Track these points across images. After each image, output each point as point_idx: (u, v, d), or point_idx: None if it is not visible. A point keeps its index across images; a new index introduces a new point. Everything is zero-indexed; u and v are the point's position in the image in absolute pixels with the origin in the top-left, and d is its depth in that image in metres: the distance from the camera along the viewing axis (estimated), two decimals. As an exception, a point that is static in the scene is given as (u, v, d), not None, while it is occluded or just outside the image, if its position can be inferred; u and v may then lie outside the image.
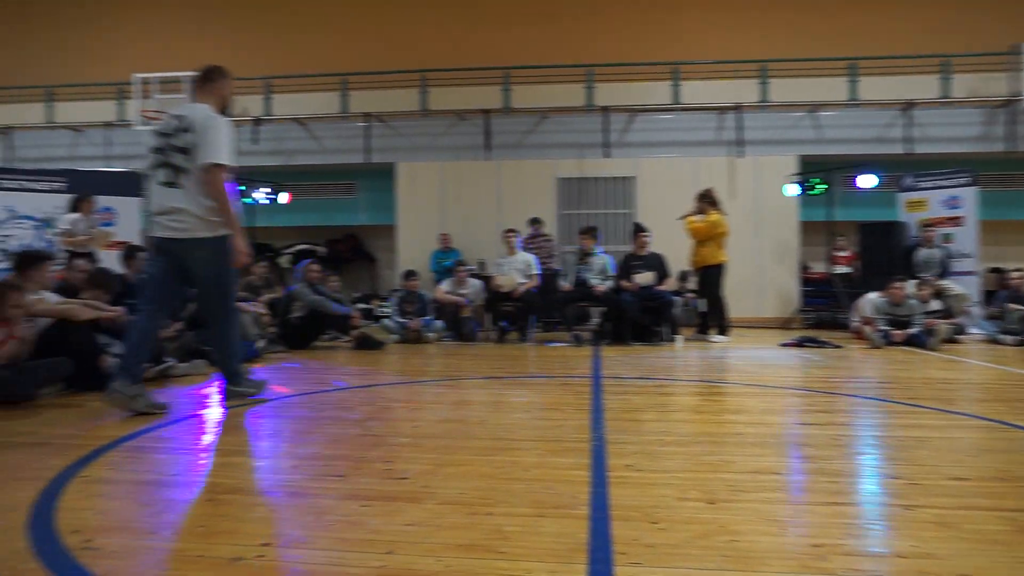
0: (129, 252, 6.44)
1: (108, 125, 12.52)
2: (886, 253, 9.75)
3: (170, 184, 3.71)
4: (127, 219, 9.80)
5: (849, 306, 9.06)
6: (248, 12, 13.70)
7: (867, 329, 7.65)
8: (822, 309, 10.76)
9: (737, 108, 11.09)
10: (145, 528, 1.89)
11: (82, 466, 2.50)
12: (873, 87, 11.13)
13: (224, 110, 3.92)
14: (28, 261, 4.51)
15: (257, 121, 12.11)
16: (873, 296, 8.02)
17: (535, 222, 10.25)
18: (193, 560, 1.67)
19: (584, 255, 8.16)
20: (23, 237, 9.37)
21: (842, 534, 1.85)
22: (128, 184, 10.14)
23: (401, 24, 13.16)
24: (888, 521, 1.97)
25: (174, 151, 3.69)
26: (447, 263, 10.17)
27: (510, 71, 11.81)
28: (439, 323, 8.29)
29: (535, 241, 10.06)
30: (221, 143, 3.68)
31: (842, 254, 11.04)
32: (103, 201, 9.03)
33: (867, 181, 10.14)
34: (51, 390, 4.15)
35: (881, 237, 9.98)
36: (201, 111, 3.76)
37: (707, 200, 8.26)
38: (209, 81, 3.97)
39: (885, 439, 3.06)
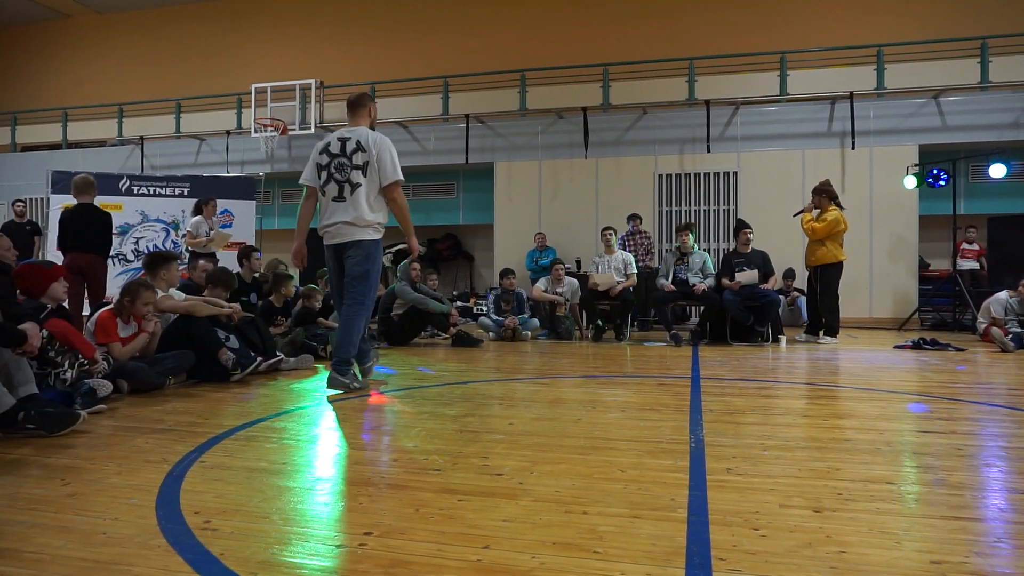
0: (244, 253, 6.80)
1: (227, 133, 13.35)
2: (1018, 248, 8.97)
3: (339, 198, 4.30)
4: (243, 221, 10.43)
5: (975, 306, 8.41)
6: (353, 22, 14.29)
7: (995, 331, 7.07)
8: (943, 309, 10.03)
9: (849, 96, 10.48)
10: (257, 512, 2.00)
11: (202, 452, 2.68)
12: (1007, 67, 10.20)
13: (373, 127, 4.55)
14: (158, 261, 4.88)
15: (361, 125, 12.56)
16: (1003, 295, 7.42)
17: (634, 218, 10.11)
18: (300, 545, 1.76)
19: (682, 253, 7.98)
20: (153, 238, 10.16)
21: (965, 551, 1.71)
22: (244, 188, 10.79)
23: (499, 25, 13.34)
24: (1019, 540, 1.81)
25: (352, 169, 4.28)
26: (543, 262, 10.21)
27: (609, 67, 11.70)
28: (535, 321, 8.33)
29: (633, 239, 9.93)
30: (396, 162, 4.34)
31: (971, 247, 10.24)
32: (223, 204, 9.65)
33: (998, 171, 9.36)
34: (176, 380, 4.48)
35: (1013, 231, 9.20)
36: (369, 133, 4.38)
37: (824, 194, 7.72)
38: (361, 106, 4.55)
39: (1016, 451, 2.81)
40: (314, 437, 3.07)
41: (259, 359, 4.80)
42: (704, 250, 8.71)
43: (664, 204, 11.18)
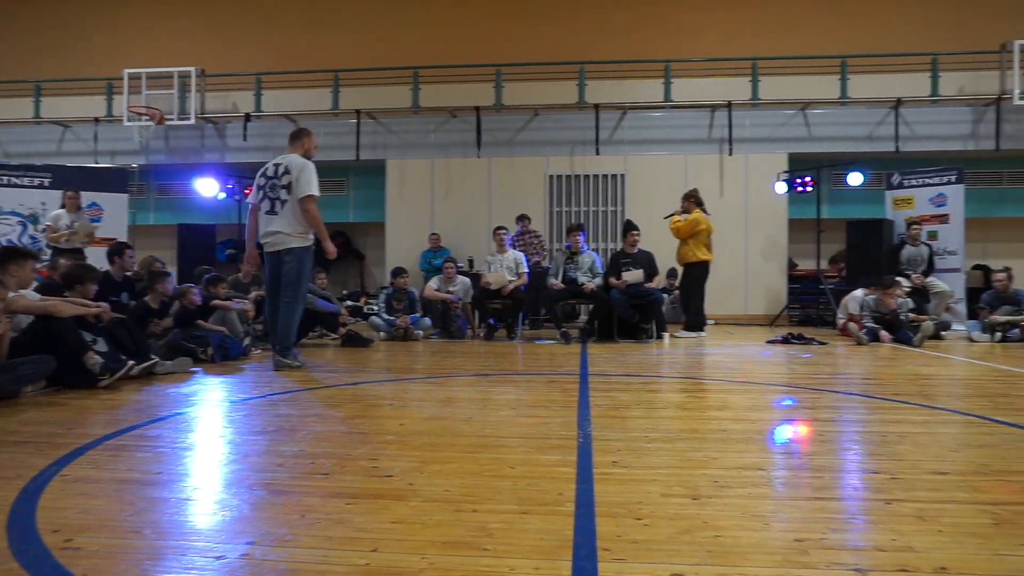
0: (115, 250, 6.33)
1: (96, 120, 12.40)
2: (872, 251, 9.81)
3: (271, 212, 5.26)
4: (114, 215, 9.74)
5: (835, 303, 9.13)
6: (239, 8, 13.62)
7: (852, 326, 7.69)
8: (808, 307, 10.84)
9: (728, 106, 11.10)
10: (127, 527, 1.87)
11: (64, 465, 2.48)
12: (863, 85, 11.16)
13: (309, 157, 5.47)
14: (8, 257, 4.43)
15: (247, 117, 12.04)
16: (859, 293, 8.08)
17: (523, 219, 10.25)
18: (175, 560, 1.66)
19: (572, 253, 8.18)
20: (8, 233, 9.30)
21: (824, 528, 1.86)
22: (115, 180, 10.08)
23: (393, 21, 13.12)
24: (869, 515, 1.98)
25: (280, 188, 5.26)
26: (437, 262, 10.16)
27: (502, 68, 11.79)
28: (427, 321, 8.28)
29: (523, 238, 10.07)
30: (312, 181, 5.28)
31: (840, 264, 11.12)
32: (91, 197, 8.97)
33: (855, 179, 10.23)
34: (34, 388, 4.12)
35: (868, 234, 10.04)
36: (296, 159, 5.35)
37: (691, 199, 8.58)
38: (298, 138, 5.54)
39: (868, 435, 3.08)
40: (192, 444, 2.91)
41: (131, 362, 4.50)
42: (593, 250, 8.99)
43: (555, 204, 11.41)
